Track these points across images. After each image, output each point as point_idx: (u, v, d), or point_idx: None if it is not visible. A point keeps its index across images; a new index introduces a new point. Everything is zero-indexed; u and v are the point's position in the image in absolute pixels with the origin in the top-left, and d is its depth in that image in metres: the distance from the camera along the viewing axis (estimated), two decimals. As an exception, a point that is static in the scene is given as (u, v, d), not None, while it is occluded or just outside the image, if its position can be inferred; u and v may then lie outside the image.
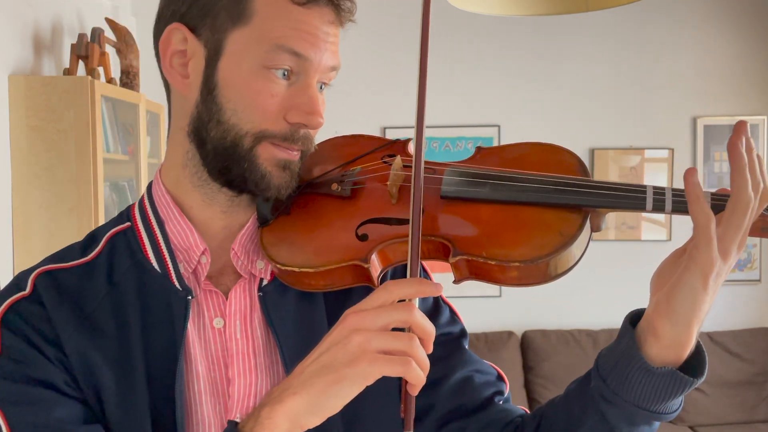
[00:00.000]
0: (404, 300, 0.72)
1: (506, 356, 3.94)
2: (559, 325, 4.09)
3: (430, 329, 0.71)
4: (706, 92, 4.17)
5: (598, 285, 4.04)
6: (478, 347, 3.94)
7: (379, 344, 0.69)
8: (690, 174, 0.74)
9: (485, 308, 4.12)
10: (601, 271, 4.03)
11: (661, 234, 4.16)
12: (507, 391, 0.97)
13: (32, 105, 2.71)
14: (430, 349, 0.72)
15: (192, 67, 0.86)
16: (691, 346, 0.78)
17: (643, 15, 4.09)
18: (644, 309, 0.81)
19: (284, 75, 0.84)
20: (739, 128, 0.74)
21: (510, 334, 4.03)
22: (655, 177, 4.15)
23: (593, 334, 4.01)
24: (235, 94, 0.84)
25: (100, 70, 3.01)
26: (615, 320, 4.13)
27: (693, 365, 0.79)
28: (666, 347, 0.77)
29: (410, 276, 0.76)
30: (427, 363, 0.71)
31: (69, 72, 2.92)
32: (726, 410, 3.85)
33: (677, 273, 0.76)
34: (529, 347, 4.01)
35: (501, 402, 0.95)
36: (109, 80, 3.08)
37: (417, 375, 0.69)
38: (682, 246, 0.79)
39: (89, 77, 2.79)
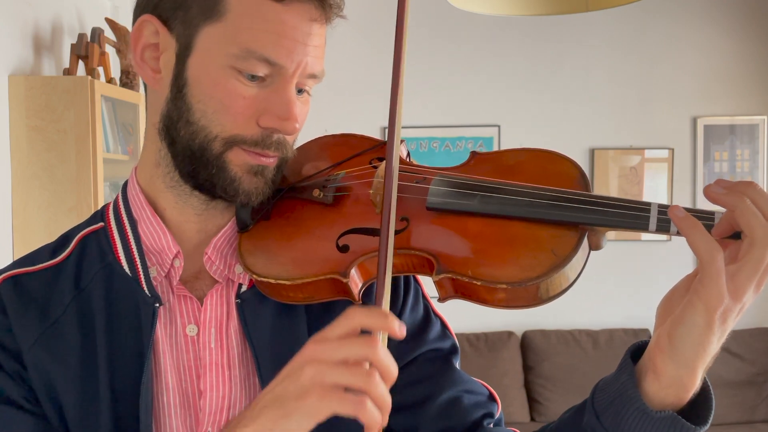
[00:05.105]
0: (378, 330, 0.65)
1: (506, 356, 3.94)
2: (559, 325, 4.08)
3: (392, 371, 0.64)
4: (706, 92, 4.17)
5: (598, 285, 4.03)
6: (478, 347, 3.94)
7: (332, 378, 0.62)
8: (673, 209, 0.68)
9: (485, 308, 4.11)
10: (601, 271, 4.02)
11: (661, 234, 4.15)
12: (499, 413, 0.89)
13: (32, 105, 2.71)
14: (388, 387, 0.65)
15: (163, 62, 0.81)
16: (695, 388, 0.70)
17: (643, 15, 4.09)
18: (649, 341, 0.73)
19: (257, 77, 0.78)
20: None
21: (510, 334, 4.03)
22: (655, 177, 4.15)
23: (593, 334, 4.01)
24: (204, 94, 0.78)
25: (100, 70, 3.01)
26: (615, 320, 4.13)
27: (697, 408, 0.71)
28: (666, 387, 0.69)
29: (377, 298, 0.69)
30: (387, 403, 0.63)
31: (69, 72, 2.92)
32: (726, 410, 3.85)
33: (680, 306, 0.67)
34: (529, 347, 4.01)
35: (491, 425, 0.87)
36: (109, 80, 3.08)
37: (371, 417, 0.62)
38: (693, 271, 0.71)
39: (89, 77, 2.79)
